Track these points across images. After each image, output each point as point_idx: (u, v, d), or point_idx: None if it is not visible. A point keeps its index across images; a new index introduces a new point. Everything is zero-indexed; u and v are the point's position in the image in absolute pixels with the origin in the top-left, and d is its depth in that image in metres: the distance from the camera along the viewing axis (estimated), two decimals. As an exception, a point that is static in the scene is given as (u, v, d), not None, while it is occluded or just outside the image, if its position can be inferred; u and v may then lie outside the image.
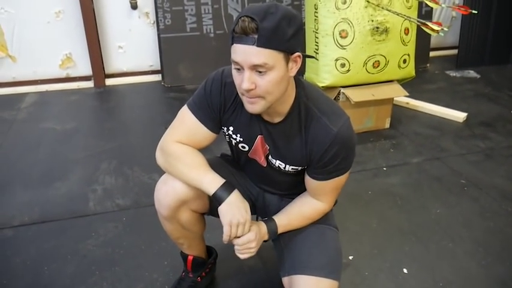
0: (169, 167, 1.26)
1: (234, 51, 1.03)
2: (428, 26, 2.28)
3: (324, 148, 1.16)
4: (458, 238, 1.87)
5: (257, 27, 0.99)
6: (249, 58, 1.01)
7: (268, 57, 1.01)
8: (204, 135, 1.25)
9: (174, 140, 1.25)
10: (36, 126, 2.93)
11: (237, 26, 1.01)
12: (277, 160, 1.26)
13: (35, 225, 1.94)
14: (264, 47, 1.00)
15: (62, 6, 3.41)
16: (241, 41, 1.01)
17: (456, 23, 4.18)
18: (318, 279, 1.22)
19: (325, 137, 1.15)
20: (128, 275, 1.66)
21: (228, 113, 1.22)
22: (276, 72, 1.04)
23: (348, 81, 2.61)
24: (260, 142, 1.24)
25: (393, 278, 1.66)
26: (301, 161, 1.23)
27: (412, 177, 2.34)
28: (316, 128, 1.16)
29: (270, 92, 1.06)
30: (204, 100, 1.22)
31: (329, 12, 2.46)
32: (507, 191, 2.20)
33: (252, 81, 1.03)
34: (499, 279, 1.65)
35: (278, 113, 1.16)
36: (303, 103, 1.17)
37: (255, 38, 0.99)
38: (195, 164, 1.22)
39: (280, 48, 1.02)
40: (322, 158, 1.18)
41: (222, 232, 1.19)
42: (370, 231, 1.91)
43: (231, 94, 1.20)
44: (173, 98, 3.41)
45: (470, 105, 3.24)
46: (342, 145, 1.16)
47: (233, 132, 1.26)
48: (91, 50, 3.50)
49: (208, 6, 3.54)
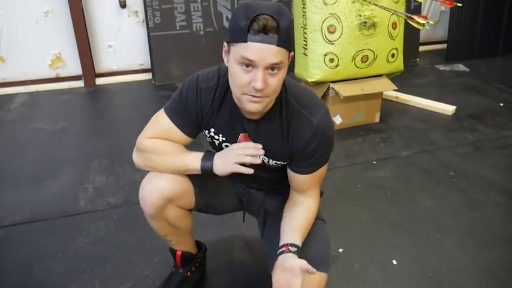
0: (148, 162, 1.26)
1: (249, 48, 1.01)
2: (414, 20, 2.29)
3: (306, 140, 1.17)
4: (447, 229, 1.89)
5: (278, 26, 0.99)
6: (268, 57, 1.01)
7: (283, 56, 1.03)
8: (179, 138, 1.25)
9: (148, 137, 1.25)
10: (26, 126, 2.92)
11: (256, 23, 0.99)
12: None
13: (26, 225, 1.94)
14: (282, 47, 1.01)
15: (50, 6, 3.39)
16: (261, 40, 0.99)
17: (445, 17, 4.20)
18: (307, 271, 1.23)
19: (307, 130, 1.17)
20: (119, 272, 1.66)
21: (207, 117, 1.23)
22: (283, 71, 1.07)
23: (337, 76, 2.62)
24: (243, 139, 1.24)
25: (383, 269, 1.67)
26: (284, 155, 1.24)
27: (401, 170, 2.36)
28: (297, 121, 1.18)
29: (276, 91, 1.08)
30: (180, 106, 1.22)
31: (317, 8, 2.47)
32: (495, 181, 2.22)
33: (265, 81, 1.03)
34: (487, 269, 1.67)
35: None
36: (283, 98, 1.18)
37: (276, 38, 1.00)
38: (172, 150, 1.23)
39: (290, 47, 1.05)
40: (304, 150, 1.19)
41: (212, 229, 1.18)
42: (359, 224, 1.93)
43: (207, 99, 1.20)
44: (164, 96, 3.41)
45: (459, 99, 3.26)
46: (323, 136, 1.18)
47: (215, 133, 1.26)
48: (80, 50, 3.49)
49: (197, 3, 3.54)
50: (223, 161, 1.19)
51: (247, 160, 1.15)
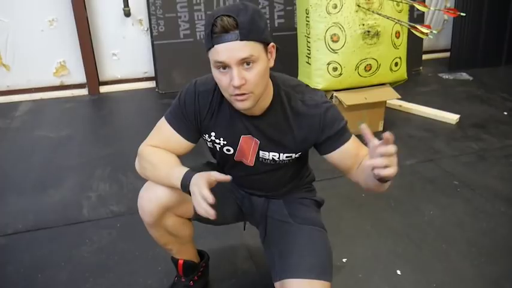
0: (144, 170, 1.26)
1: (217, 52, 1.04)
2: (418, 29, 2.30)
3: (318, 121, 1.19)
4: (451, 239, 1.87)
5: (236, 22, 1.01)
6: (236, 53, 1.03)
7: (253, 49, 1.04)
8: (180, 144, 1.25)
9: (148, 145, 1.26)
10: (31, 134, 2.93)
11: (215, 26, 1.02)
12: (270, 152, 1.25)
13: (29, 233, 1.94)
14: (247, 40, 1.03)
15: (55, 15, 3.43)
16: (224, 40, 1.02)
17: (448, 26, 4.21)
18: (309, 281, 1.22)
19: (313, 112, 1.19)
20: (122, 281, 1.66)
21: (206, 119, 1.23)
22: (260, 64, 1.07)
23: (341, 85, 2.62)
24: (244, 142, 1.24)
25: (387, 279, 1.66)
26: (295, 147, 1.24)
27: (405, 179, 2.34)
28: (300, 108, 1.20)
29: (258, 85, 1.08)
30: (179, 111, 1.23)
31: (320, 17, 2.48)
32: (499, 191, 2.21)
33: (242, 77, 1.05)
34: (492, 279, 1.65)
35: (261, 106, 1.18)
36: (282, 91, 1.20)
37: (237, 33, 1.02)
38: (162, 162, 1.23)
39: (259, 39, 1.05)
40: (323, 130, 1.20)
41: (215, 238, 1.18)
42: (363, 234, 1.92)
43: (205, 101, 1.21)
44: (167, 104, 3.35)
45: (463, 107, 3.26)
46: (328, 110, 1.20)
47: (216, 137, 1.26)
48: (85, 58, 3.51)
49: (201, 12, 3.56)
50: (193, 195, 1.11)
51: (201, 212, 1.10)
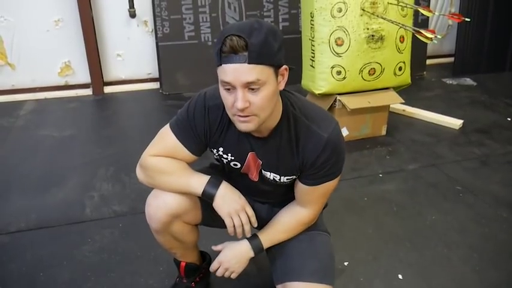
0: (152, 180, 1.24)
1: (224, 71, 1.01)
2: (422, 34, 2.30)
3: (316, 154, 1.15)
4: (453, 244, 1.87)
5: (246, 44, 0.97)
6: (242, 76, 0.99)
7: (260, 73, 1.00)
8: (184, 156, 1.23)
9: (152, 155, 1.23)
10: (35, 133, 2.95)
11: (224, 45, 0.98)
12: (271, 173, 1.25)
13: (31, 232, 1.95)
14: (256, 63, 0.98)
15: (61, 15, 3.44)
16: (231, 60, 0.98)
17: (452, 31, 4.21)
18: (311, 285, 1.23)
19: (317, 144, 1.15)
20: (123, 281, 1.66)
21: (216, 136, 1.21)
22: (268, 88, 1.02)
23: (344, 89, 2.62)
24: (251, 158, 1.23)
25: (388, 284, 1.66)
26: (294, 170, 1.22)
27: (407, 183, 2.34)
28: (306, 136, 1.16)
29: (263, 109, 1.05)
30: (187, 124, 1.20)
31: (325, 21, 2.48)
32: (502, 197, 2.21)
33: (246, 100, 1.01)
34: (493, 285, 1.65)
35: (268, 127, 1.15)
36: (290, 113, 1.16)
37: (246, 56, 0.97)
38: (176, 170, 1.21)
39: (270, 63, 1.01)
40: (314, 164, 1.17)
41: (218, 240, 1.19)
42: (365, 238, 1.92)
43: (215, 117, 1.18)
44: (171, 105, 3.43)
45: (467, 113, 3.25)
46: (333, 150, 1.16)
47: (223, 153, 1.25)
48: (90, 58, 3.53)
49: (206, 14, 3.57)
50: (225, 203, 1.19)
51: (236, 223, 1.19)
